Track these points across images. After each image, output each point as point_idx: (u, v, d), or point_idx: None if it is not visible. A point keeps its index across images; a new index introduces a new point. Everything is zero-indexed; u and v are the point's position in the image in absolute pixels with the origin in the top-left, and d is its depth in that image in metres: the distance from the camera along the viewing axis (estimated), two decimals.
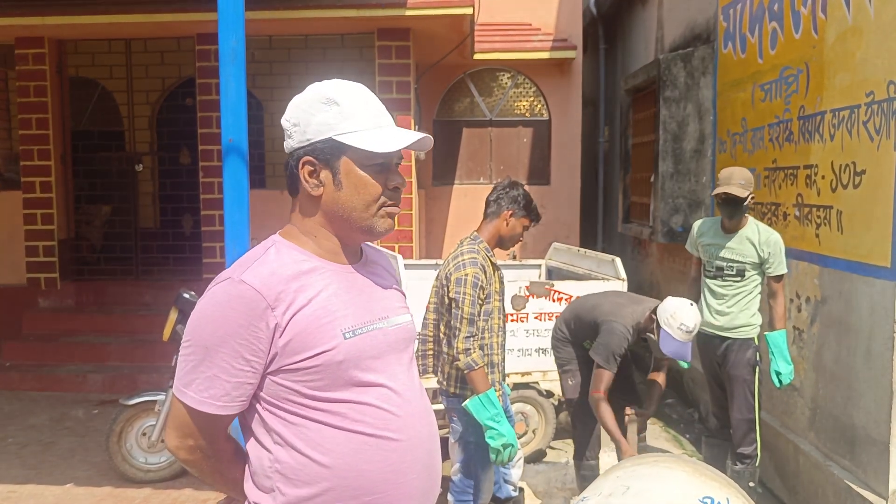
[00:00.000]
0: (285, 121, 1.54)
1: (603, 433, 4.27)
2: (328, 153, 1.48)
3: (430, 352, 3.51)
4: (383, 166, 1.51)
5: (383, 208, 1.52)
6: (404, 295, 1.74)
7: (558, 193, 8.91)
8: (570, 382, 4.11)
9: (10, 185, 7.98)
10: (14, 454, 5.10)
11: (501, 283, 3.44)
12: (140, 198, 8.57)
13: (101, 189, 8.23)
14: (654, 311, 3.74)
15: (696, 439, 5.43)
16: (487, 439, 3.11)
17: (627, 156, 7.93)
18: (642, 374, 6.11)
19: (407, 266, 4.61)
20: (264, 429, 1.47)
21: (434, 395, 4.83)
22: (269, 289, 1.42)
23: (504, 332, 3.48)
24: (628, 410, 4.04)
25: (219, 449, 1.52)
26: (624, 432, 3.90)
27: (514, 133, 8.98)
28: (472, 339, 3.12)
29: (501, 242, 3.40)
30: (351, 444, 1.46)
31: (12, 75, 7.67)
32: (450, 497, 3.49)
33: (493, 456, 3.14)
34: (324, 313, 1.45)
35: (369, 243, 1.70)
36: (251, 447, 1.50)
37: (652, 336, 3.75)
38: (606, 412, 3.74)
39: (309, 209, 1.54)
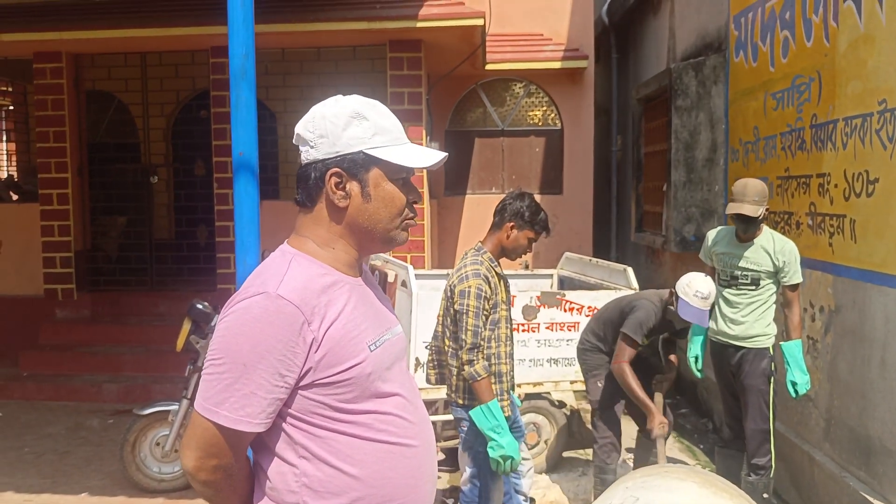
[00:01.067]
0: (307, 132, 1.53)
1: (624, 440, 4.30)
2: (359, 166, 1.51)
3: (442, 362, 3.50)
4: (406, 180, 1.57)
5: (405, 221, 1.58)
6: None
7: (571, 203, 8.90)
8: (598, 385, 4.23)
9: (29, 198, 8.11)
10: (30, 463, 5.16)
11: (507, 291, 3.45)
12: (155, 209, 8.67)
13: (117, 201, 8.33)
14: (674, 287, 4.05)
15: (710, 450, 5.39)
16: (488, 449, 3.15)
17: (640, 165, 7.92)
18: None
19: (418, 276, 4.62)
20: (287, 444, 1.47)
21: (445, 406, 4.84)
22: (306, 303, 1.42)
23: (512, 342, 3.49)
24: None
25: (241, 467, 1.51)
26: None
27: (527, 143, 8.99)
28: (475, 350, 3.14)
29: (505, 253, 3.39)
30: (378, 453, 1.50)
31: (31, 90, 7.79)
32: None
33: (493, 466, 3.18)
34: (352, 326, 1.48)
35: None
36: (272, 463, 1.49)
37: (671, 308, 4.01)
38: (632, 379, 3.92)
39: (331, 220, 1.54)
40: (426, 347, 4.54)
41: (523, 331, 4.74)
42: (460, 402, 3.32)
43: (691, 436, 5.91)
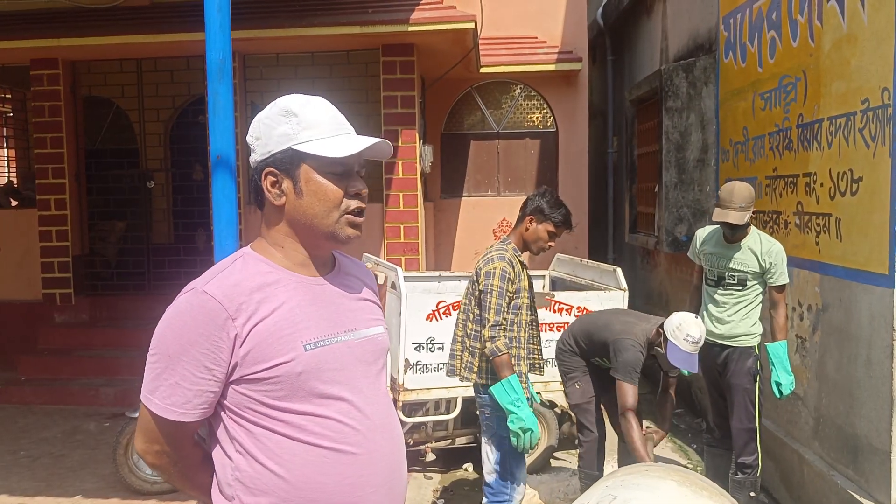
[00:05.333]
0: (249, 137, 1.57)
1: (608, 442, 4.31)
2: (288, 163, 1.51)
3: (458, 353, 3.55)
4: (343, 174, 1.53)
5: (346, 215, 1.53)
6: (380, 307, 1.75)
7: (566, 204, 8.90)
8: (577, 387, 4.20)
9: (28, 203, 8.16)
10: (26, 467, 5.19)
11: (530, 280, 3.58)
12: (154, 214, 8.71)
13: (116, 206, 8.37)
14: (661, 326, 3.88)
15: (703, 449, 5.39)
16: (508, 423, 3.19)
17: (633, 166, 7.94)
18: (651, 385, 6.11)
19: (407, 278, 4.65)
20: (228, 437, 1.50)
21: (436, 407, 4.86)
22: (231, 300, 1.44)
23: (535, 328, 3.62)
24: (646, 429, 4.15)
25: (185, 455, 1.55)
26: None
27: (522, 145, 9.02)
28: (498, 327, 3.24)
29: (527, 246, 3.52)
30: (308, 456, 1.47)
31: (29, 96, 7.84)
32: (485, 501, 3.52)
33: (513, 440, 3.21)
34: (285, 325, 1.47)
35: (343, 254, 1.73)
36: (216, 455, 1.53)
37: (660, 350, 3.88)
38: (636, 430, 3.81)
39: (274, 220, 1.56)
40: (415, 349, 4.58)
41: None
42: (483, 381, 3.39)
43: (685, 435, 5.92)
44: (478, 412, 3.57)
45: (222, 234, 2.59)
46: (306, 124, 1.51)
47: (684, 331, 3.69)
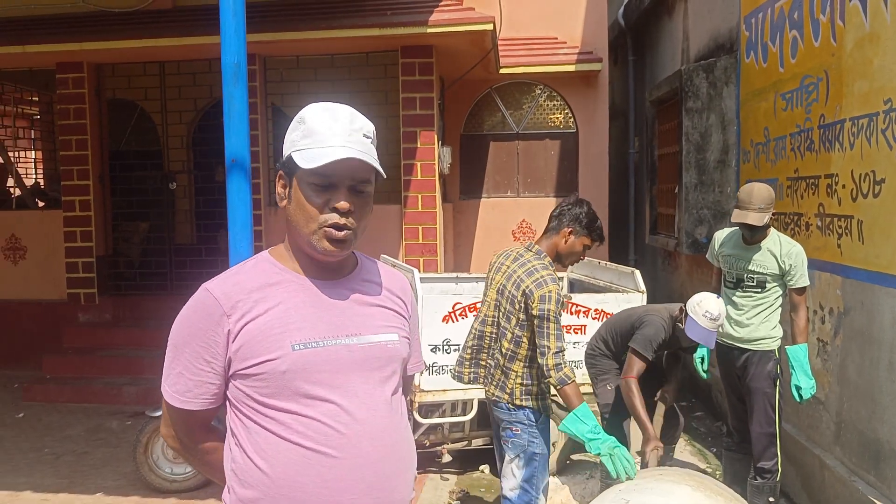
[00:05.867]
0: None
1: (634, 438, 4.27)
2: (289, 168, 1.55)
3: (483, 362, 3.45)
4: (327, 185, 1.52)
5: (323, 228, 1.52)
6: (402, 315, 1.72)
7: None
8: (608, 388, 4.18)
9: (55, 205, 8.29)
10: (49, 464, 5.28)
11: None
12: (176, 215, 8.81)
13: (140, 207, 8.48)
14: (684, 304, 3.93)
15: (722, 453, 5.34)
16: (593, 452, 3.05)
17: (653, 167, 7.88)
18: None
19: (423, 279, 4.66)
20: (231, 429, 1.59)
21: (452, 409, 4.86)
22: (229, 297, 1.53)
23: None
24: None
25: (196, 440, 1.64)
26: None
27: (542, 146, 8.99)
28: (561, 353, 3.09)
29: (559, 259, 3.32)
30: (290, 454, 1.50)
31: (55, 99, 7.98)
32: None
33: (608, 466, 2.96)
34: (277, 324, 1.51)
35: (372, 260, 1.75)
36: (226, 444, 1.62)
37: (680, 325, 3.89)
38: (637, 397, 3.79)
39: (285, 222, 1.63)
40: (431, 350, 4.59)
41: None
42: (518, 402, 3.23)
43: (704, 439, 5.86)
44: (502, 430, 3.34)
45: (237, 237, 2.62)
46: (307, 132, 1.53)
47: (703, 307, 3.70)
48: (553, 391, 3.32)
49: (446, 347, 4.56)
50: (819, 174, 4.52)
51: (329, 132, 1.52)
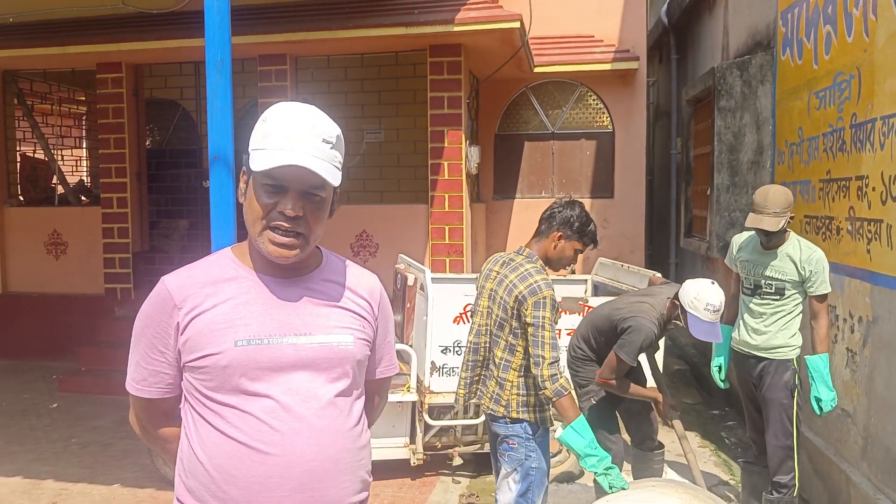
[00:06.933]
0: None
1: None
2: (247, 166, 1.57)
3: (477, 378, 3.29)
4: (276, 188, 1.52)
5: (267, 230, 1.53)
6: (363, 317, 1.69)
7: (622, 207, 8.69)
8: (593, 402, 3.92)
9: (97, 202, 8.53)
10: (74, 454, 5.42)
11: None
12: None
13: (179, 204, 8.65)
14: (676, 298, 3.65)
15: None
16: (587, 467, 2.95)
17: (689, 168, 7.68)
18: (705, 395, 5.86)
19: (437, 280, 4.61)
20: (183, 419, 1.64)
21: (465, 411, 4.80)
22: (181, 290, 1.57)
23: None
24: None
25: (155, 426, 1.69)
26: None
27: (577, 146, 8.85)
28: (556, 364, 2.94)
29: (549, 263, 3.16)
30: (225, 447, 1.52)
31: (95, 98, 8.20)
32: None
33: (601, 482, 2.90)
34: (223, 319, 1.54)
35: (342, 259, 1.74)
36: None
37: (679, 323, 3.64)
38: (621, 382, 3.67)
39: None
40: (442, 351, 4.53)
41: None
42: (514, 415, 3.07)
43: (732, 450, 5.66)
44: (499, 443, 3.20)
45: (219, 234, 2.62)
46: (266, 132, 1.54)
47: (703, 300, 3.47)
48: None
49: (456, 349, 4.50)
50: (850, 176, 4.31)
51: (284, 135, 1.51)
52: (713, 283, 3.58)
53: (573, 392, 3.00)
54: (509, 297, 3.04)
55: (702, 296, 3.50)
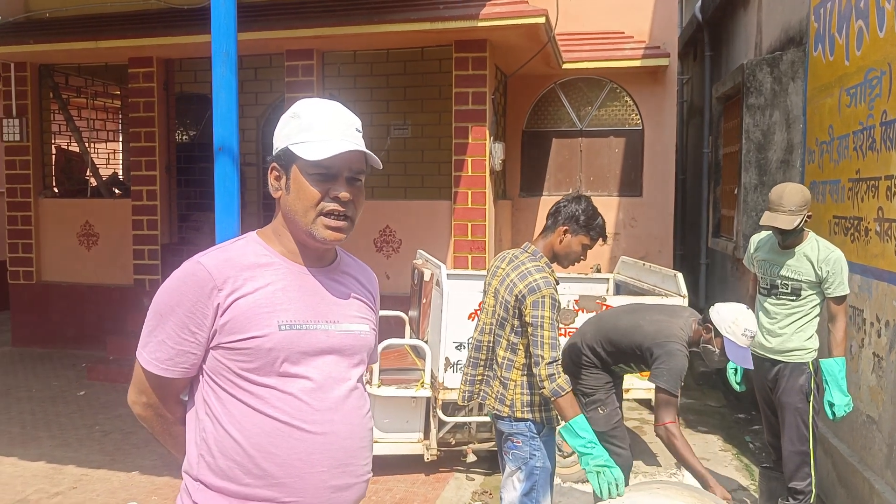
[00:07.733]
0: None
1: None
2: (285, 161, 1.64)
3: (480, 377, 3.24)
4: (326, 176, 1.61)
5: (321, 217, 1.62)
6: (372, 309, 1.84)
7: (650, 206, 8.56)
8: (600, 412, 3.72)
9: (129, 194, 8.70)
10: (97, 441, 5.52)
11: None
12: (247, 206, 9.07)
13: (210, 198, 8.74)
14: (704, 322, 3.46)
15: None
16: (583, 466, 2.91)
17: (718, 167, 7.53)
18: (726, 399, 5.73)
19: (453, 276, 4.58)
20: (201, 399, 1.64)
21: (481, 407, 4.76)
22: (220, 272, 1.59)
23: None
24: None
25: (169, 409, 1.70)
26: None
27: (606, 143, 8.73)
28: (555, 363, 2.89)
29: (557, 259, 3.10)
30: (264, 426, 1.58)
31: (127, 92, 8.34)
32: None
33: (593, 483, 2.85)
34: (265, 303, 1.60)
35: (350, 256, 1.86)
36: (191, 415, 1.68)
37: (710, 347, 3.42)
38: (684, 446, 3.28)
39: (278, 211, 1.71)
40: (456, 348, 4.51)
41: (560, 335, 4.59)
42: (518, 415, 3.04)
43: (756, 455, 5.53)
44: (503, 441, 3.16)
45: (223, 223, 2.63)
46: (304, 126, 1.62)
47: (741, 325, 3.29)
48: None
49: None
50: (879, 175, 4.17)
51: (327, 126, 1.62)
52: (747, 308, 3.41)
53: (571, 392, 2.91)
54: (510, 296, 3.01)
55: (740, 320, 3.32)
